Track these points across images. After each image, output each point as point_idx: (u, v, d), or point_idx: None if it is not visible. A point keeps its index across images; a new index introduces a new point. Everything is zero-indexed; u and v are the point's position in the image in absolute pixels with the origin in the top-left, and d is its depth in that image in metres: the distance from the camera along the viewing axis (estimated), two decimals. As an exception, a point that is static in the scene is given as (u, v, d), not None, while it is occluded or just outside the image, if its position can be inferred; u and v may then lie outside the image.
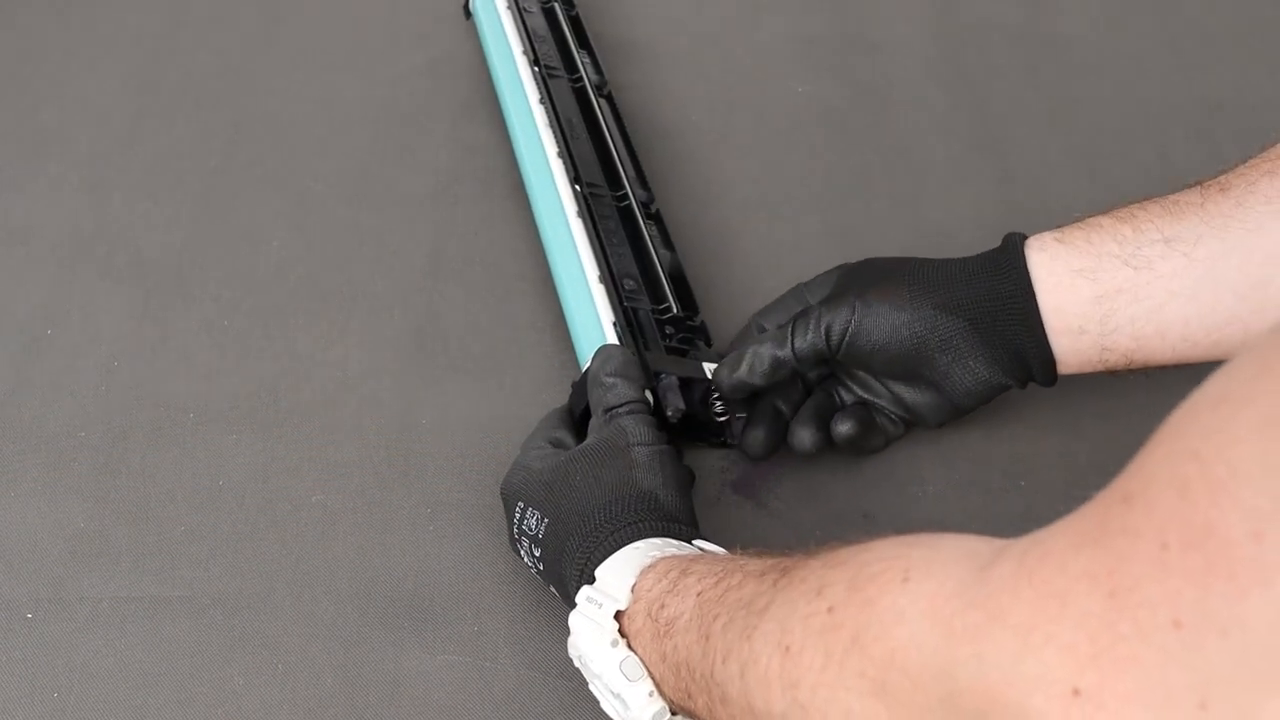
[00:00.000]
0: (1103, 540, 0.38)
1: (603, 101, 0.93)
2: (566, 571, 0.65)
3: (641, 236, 0.84)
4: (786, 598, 0.52)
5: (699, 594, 0.57)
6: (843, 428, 0.74)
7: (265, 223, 0.90)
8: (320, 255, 0.88)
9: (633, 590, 0.61)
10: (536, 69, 0.93)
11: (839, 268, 0.77)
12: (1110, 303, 0.68)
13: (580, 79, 0.94)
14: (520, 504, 0.69)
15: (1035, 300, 0.70)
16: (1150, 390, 0.74)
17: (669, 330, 0.79)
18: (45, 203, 0.91)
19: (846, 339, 0.72)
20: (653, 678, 0.59)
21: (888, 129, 0.99)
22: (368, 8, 1.06)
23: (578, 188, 0.84)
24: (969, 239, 0.91)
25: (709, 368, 0.76)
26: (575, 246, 0.81)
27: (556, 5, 1.01)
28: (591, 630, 0.61)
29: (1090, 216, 0.70)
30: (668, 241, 0.85)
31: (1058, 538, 0.41)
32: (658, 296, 0.81)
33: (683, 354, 0.78)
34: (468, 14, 1.02)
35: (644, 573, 0.61)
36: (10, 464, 0.77)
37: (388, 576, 0.73)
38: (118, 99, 0.99)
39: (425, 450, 0.78)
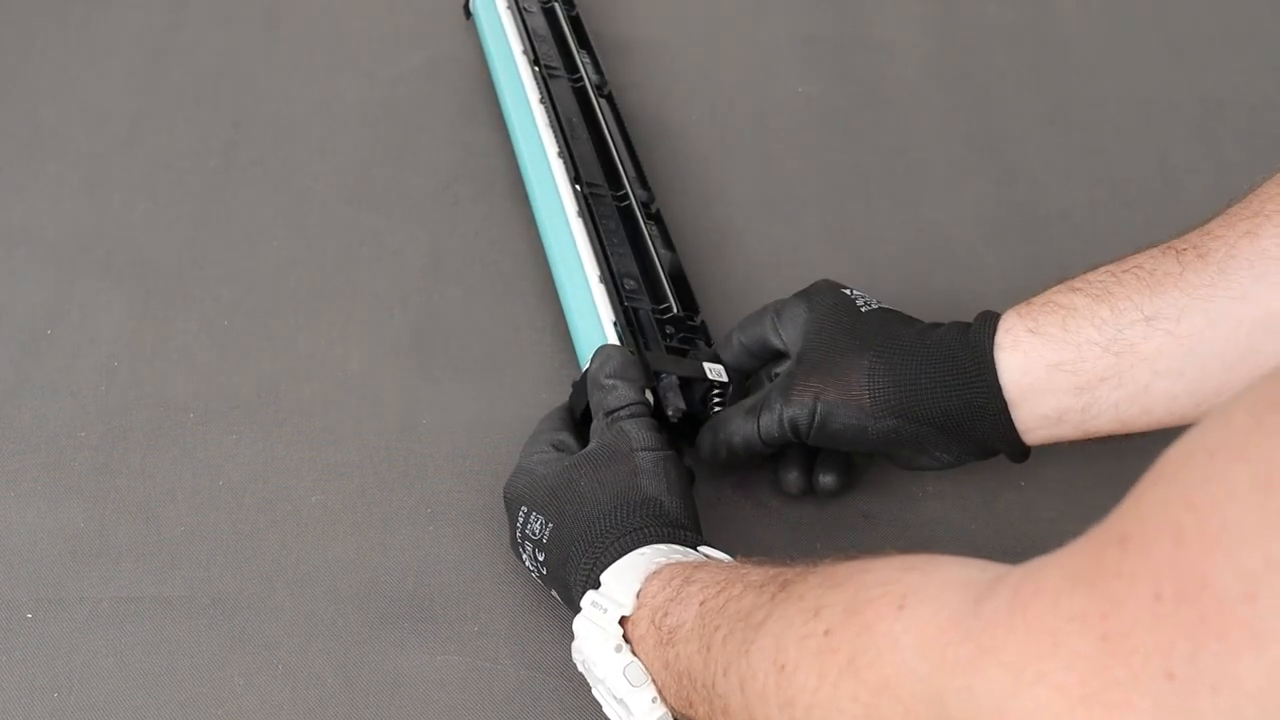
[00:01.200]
0: (1097, 582, 0.38)
1: (603, 101, 0.93)
2: (571, 576, 0.65)
3: (642, 236, 0.84)
4: (783, 614, 0.52)
5: (701, 603, 0.58)
6: (826, 480, 0.74)
7: (265, 223, 0.90)
8: (320, 255, 0.88)
9: (637, 596, 0.61)
10: (537, 69, 0.93)
11: (807, 297, 0.74)
12: (1092, 392, 0.65)
13: (580, 79, 0.94)
14: (524, 508, 0.69)
15: (1006, 407, 0.67)
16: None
17: (669, 330, 0.79)
18: (45, 203, 0.91)
19: (811, 434, 0.71)
20: (655, 684, 0.59)
21: (888, 129, 0.99)
22: (367, 8, 1.06)
23: (578, 187, 0.84)
24: (969, 239, 0.91)
25: (709, 368, 0.76)
26: (575, 246, 0.81)
27: (556, 5, 1.01)
28: (596, 635, 0.61)
29: (1063, 292, 0.67)
30: (668, 241, 0.85)
31: (1051, 573, 0.41)
32: (658, 296, 0.81)
33: (683, 354, 0.78)
34: (468, 14, 1.02)
35: (649, 579, 0.61)
36: (10, 464, 0.77)
37: (388, 576, 0.73)
38: (118, 99, 0.99)
39: (425, 450, 0.78)
